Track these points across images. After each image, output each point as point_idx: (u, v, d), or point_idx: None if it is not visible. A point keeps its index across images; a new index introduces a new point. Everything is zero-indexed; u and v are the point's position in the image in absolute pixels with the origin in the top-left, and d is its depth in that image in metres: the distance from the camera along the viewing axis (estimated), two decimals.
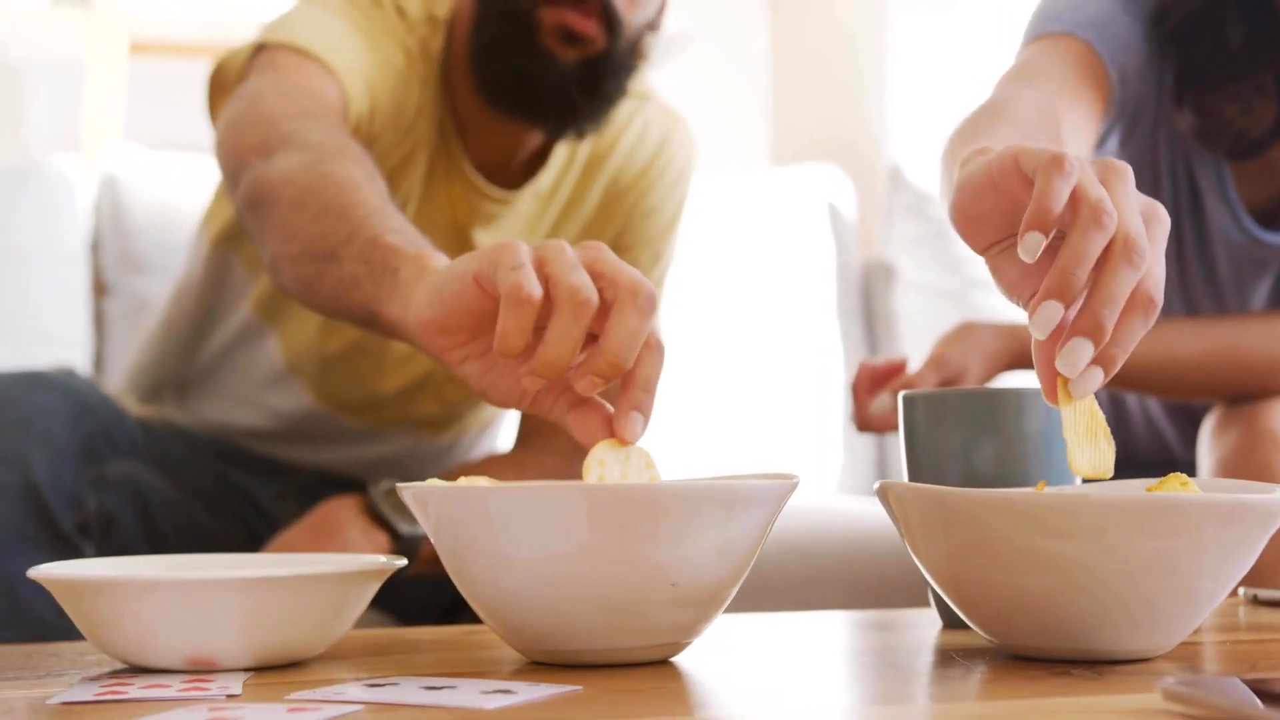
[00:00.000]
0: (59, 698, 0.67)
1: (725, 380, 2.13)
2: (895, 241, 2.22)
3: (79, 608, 0.74)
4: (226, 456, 1.49)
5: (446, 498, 0.73)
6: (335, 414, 1.44)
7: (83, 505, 1.29)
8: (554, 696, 0.66)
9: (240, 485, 1.50)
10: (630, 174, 1.42)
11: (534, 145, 1.39)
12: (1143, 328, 0.72)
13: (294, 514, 1.50)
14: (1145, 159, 1.34)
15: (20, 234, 1.95)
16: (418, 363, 1.41)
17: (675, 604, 0.73)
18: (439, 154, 1.35)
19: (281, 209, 1.02)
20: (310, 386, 1.43)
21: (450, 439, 1.51)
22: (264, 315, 1.43)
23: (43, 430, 1.25)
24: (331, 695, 0.66)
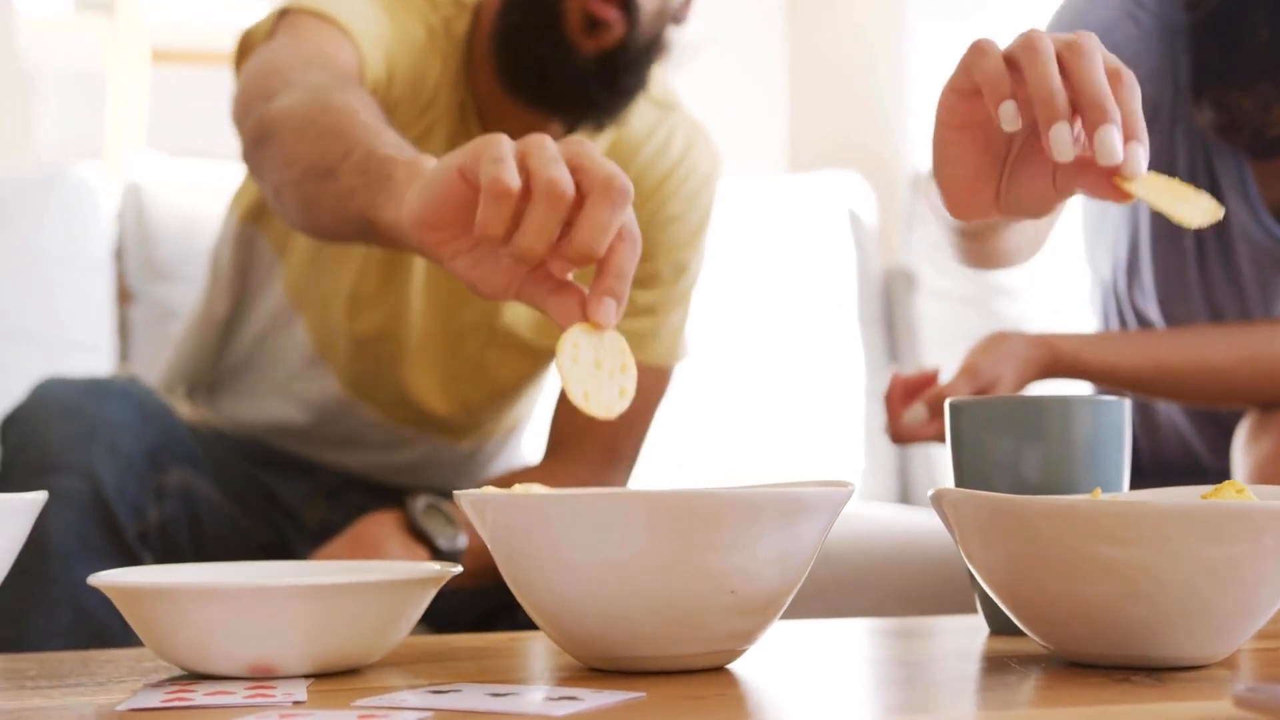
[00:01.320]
0: (126, 705, 0.67)
1: (747, 387, 2.13)
2: (916, 248, 2.22)
3: (139, 614, 0.75)
4: (255, 457, 1.50)
5: (505, 504, 0.74)
6: (362, 403, 1.44)
7: (145, 515, 1.30)
8: (619, 703, 0.66)
9: (267, 487, 1.50)
10: (651, 181, 1.42)
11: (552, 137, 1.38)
12: (1131, 98, 0.77)
13: (321, 516, 1.51)
14: (1163, 159, 1.34)
15: (45, 242, 1.95)
16: (436, 348, 1.41)
17: (733, 611, 0.73)
18: (459, 134, 1.35)
19: (283, 139, 1.04)
20: (338, 374, 1.43)
21: (472, 445, 1.52)
22: (293, 297, 1.43)
23: (109, 440, 1.26)
24: (398, 702, 0.66)
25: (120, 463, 1.27)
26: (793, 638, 0.90)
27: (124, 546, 1.28)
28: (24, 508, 0.76)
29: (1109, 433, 0.88)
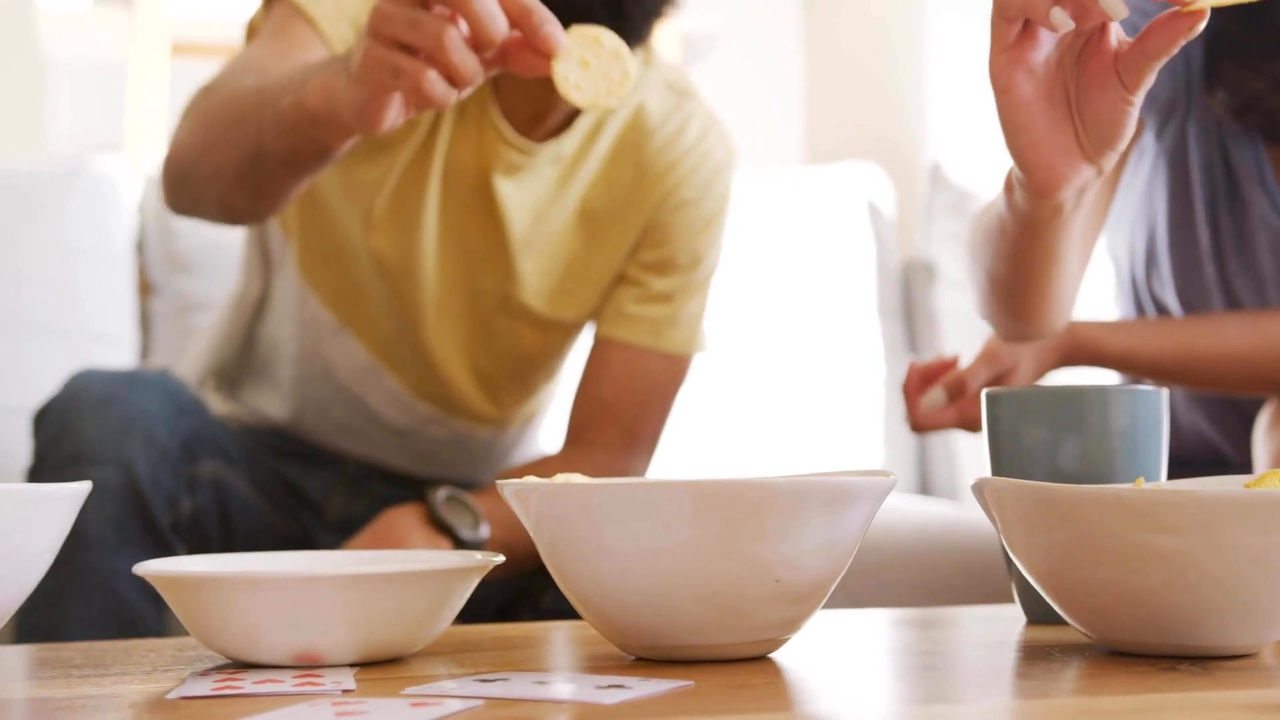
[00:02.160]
0: (176, 693, 0.67)
1: (766, 379, 2.13)
2: (936, 240, 2.22)
3: (184, 603, 0.75)
4: (279, 450, 1.50)
5: (550, 493, 0.74)
6: (386, 370, 1.45)
7: (178, 505, 1.30)
8: (668, 691, 0.66)
9: (291, 479, 1.51)
10: (663, 162, 1.42)
11: (562, 110, 1.38)
12: None
13: (343, 508, 1.51)
14: (1177, 154, 1.34)
15: (67, 234, 1.96)
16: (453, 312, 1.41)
17: (778, 599, 0.73)
18: (471, 99, 1.35)
19: (195, 166, 1.17)
20: (361, 338, 1.44)
21: (490, 433, 1.52)
22: (305, 276, 1.44)
23: (144, 431, 1.27)
24: (447, 690, 0.66)
25: (154, 453, 1.28)
26: (829, 627, 0.90)
27: (158, 536, 1.29)
28: (69, 497, 0.76)
29: (1147, 423, 0.88)
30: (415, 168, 1.36)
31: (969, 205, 2.19)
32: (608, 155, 1.42)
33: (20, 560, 0.74)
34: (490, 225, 1.39)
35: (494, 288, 1.41)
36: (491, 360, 1.45)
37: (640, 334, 1.42)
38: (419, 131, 1.35)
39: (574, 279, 1.43)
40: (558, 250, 1.42)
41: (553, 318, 1.44)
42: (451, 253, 1.40)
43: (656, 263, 1.42)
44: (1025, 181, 0.88)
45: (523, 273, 1.40)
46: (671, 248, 1.43)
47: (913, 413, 1.39)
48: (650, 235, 1.43)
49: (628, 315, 1.42)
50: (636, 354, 1.42)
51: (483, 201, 1.38)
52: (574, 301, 1.44)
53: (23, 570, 0.75)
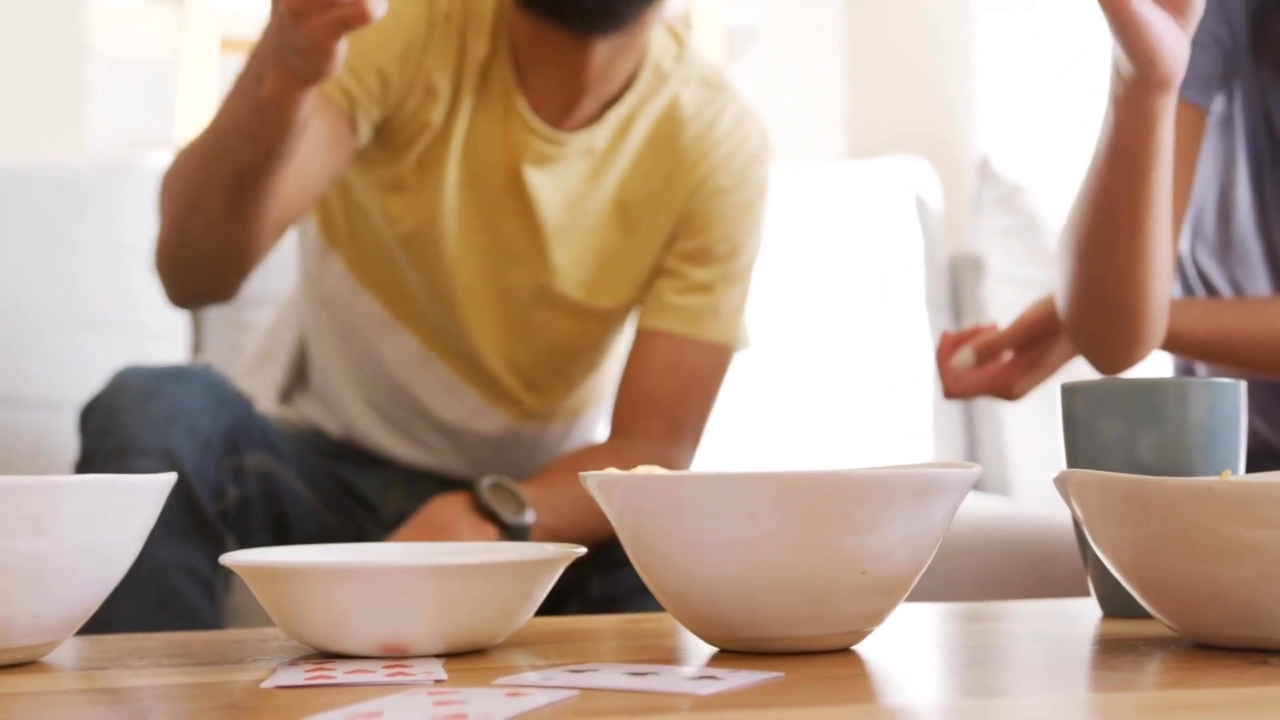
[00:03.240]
0: (271, 682, 0.68)
1: (814, 374, 2.13)
2: (984, 234, 2.21)
3: (271, 594, 0.75)
4: (333, 453, 1.52)
5: (634, 485, 0.74)
6: (436, 359, 1.46)
7: (224, 494, 1.32)
8: (760, 683, 0.66)
9: (345, 480, 1.52)
10: (697, 151, 1.43)
11: (592, 104, 1.39)
12: None
13: (397, 506, 1.53)
14: (1224, 125, 1.33)
15: (120, 230, 1.97)
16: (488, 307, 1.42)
17: (864, 591, 0.73)
18: (496, 91, 1.36)
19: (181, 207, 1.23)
20: (411, 329, 1.45)
21: (537, 428, 1.52)
22: (356, 277, 1.46)
23: (188, 423, 1.29)
24: (540, 680, 0.67)
25: (198, 444, 1.29)
26: (904, 620, 0.90)
27: (205, 525, 1.30)
28: (155, 488, 0.77)
29: (1225, 415, 0.88)
30: (431, 161, 1.38)
31: (1018, 199, 2.18)
32: (641, 147, 1.42)
33: (109, 550, 0.75)
34: (523, 216, 1.40)
35: (529, 279, 1.42)
36: (531, 353, 1.46)
37: (681, 324, 1.42)
38: (432, 126, 1.37)
39: (610, 269, 1.44)
40: (593, 240, 1.42)
41: (590, 305, 1.44)
42: (483, 246, 1.41)
43: (694, 252, 1.43)
44: (1147, 72, 0.96)
45: (557, 262, 1.41)
46: (709, 236, 1.43)
47: (944, 378, 1.38)
48: (687, 224, 1.43)
49: (668, 305, 1.43)
50: (677, 344, 1.43)
51: (514, 193, 1.39)
52: (610, 290, 1.44)
53: (112, 560, 0.76)
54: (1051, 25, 2.45)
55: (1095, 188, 1.11)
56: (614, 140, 1.42)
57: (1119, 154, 1.06)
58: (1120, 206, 1.10)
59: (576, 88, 1.37)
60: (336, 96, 1.30)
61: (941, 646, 0.82)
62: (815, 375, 2.13)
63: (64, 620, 0.75)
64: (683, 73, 1.44)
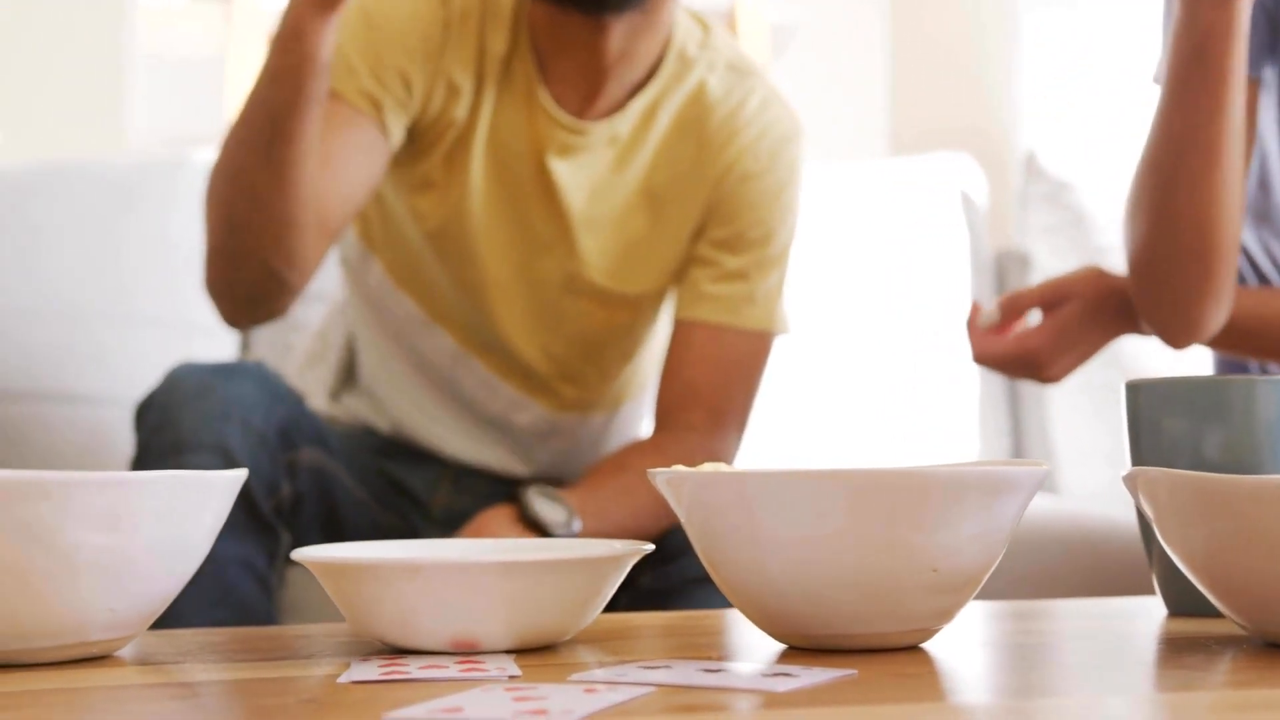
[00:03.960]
0: (347, 677, 0.68)
1: (859, 370, 2.12)
2: (1030, 230, 2.21)
3: (342, 590, 0.76)
4: (380, 450, 1.53)
5: (704, 482, 0.74)
6: (473, 357, 1.47)
7: (278, 489, 1.33)
8: (835, 680, 0.66)
9: (395, 476, 1.53)
10: (724, 135, 1.42)
11: (614, 90, 1.40)
12: None
13: (446, 501, 1.53)
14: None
15: (170, 227, 1.98)
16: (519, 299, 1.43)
17: (935, 589, 0.73)
18: (516, 83, 1.38)
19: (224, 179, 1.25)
20: (447, 329, 1.47)
21: (577, 419, 1.52)
22: (394, 280, 1.47)
23: (242, 418, 1.29)
24: (616, 677, 0.67)
25: (252, 439, 1.30)
26: (968, 617, 0.90)
27: (259, 520, 1.31)
28: (225, 484, 0.77)
29: None
30: (457, 157, 1.39)
31: (1065, 195, 2.17)
32: (668, 133, 1.42)
33: (183, 546, 0.76)
34: (549, 206, 1.40)
35: (557, 270, 1.43)
36: (563, 344, 1.46)
37: (718, 312, 1.42)
38: (457, 122, 1.38)
39: (639, 256, 1.44)
40: (620, 228, 1.43)
41: (618, 293, 1.44)
42: (511, 238, 1.42)
43: (727, 240, 1.42)
44: None
45: (585, 251, 1.42)
46: (741, 223, 1.42)
47: (972, 340, 1.37)
48: (718, 211, 1.42)
49: (704, 295, 1.42)
50: (715, 333, 1.42)
51: (540, 184, 1.40)
52: (639, 278, 1.44)
53: (185, 556, 0.76)
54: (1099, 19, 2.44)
55: (1174, 109, 1.11)
56: (639, 128, 1.42)
57: (1200, 58, 1.07)
58: (1202, 121, 1.10)
59: (596, 72, 1.38)
60: (363, 104, 1.32)
61: (1007, 644, 0.82)
62: (860, 372, 2.12)
63: (139, 615, 0.75)
64: (708, 58, 1.44)
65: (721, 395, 1.43)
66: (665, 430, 1.45)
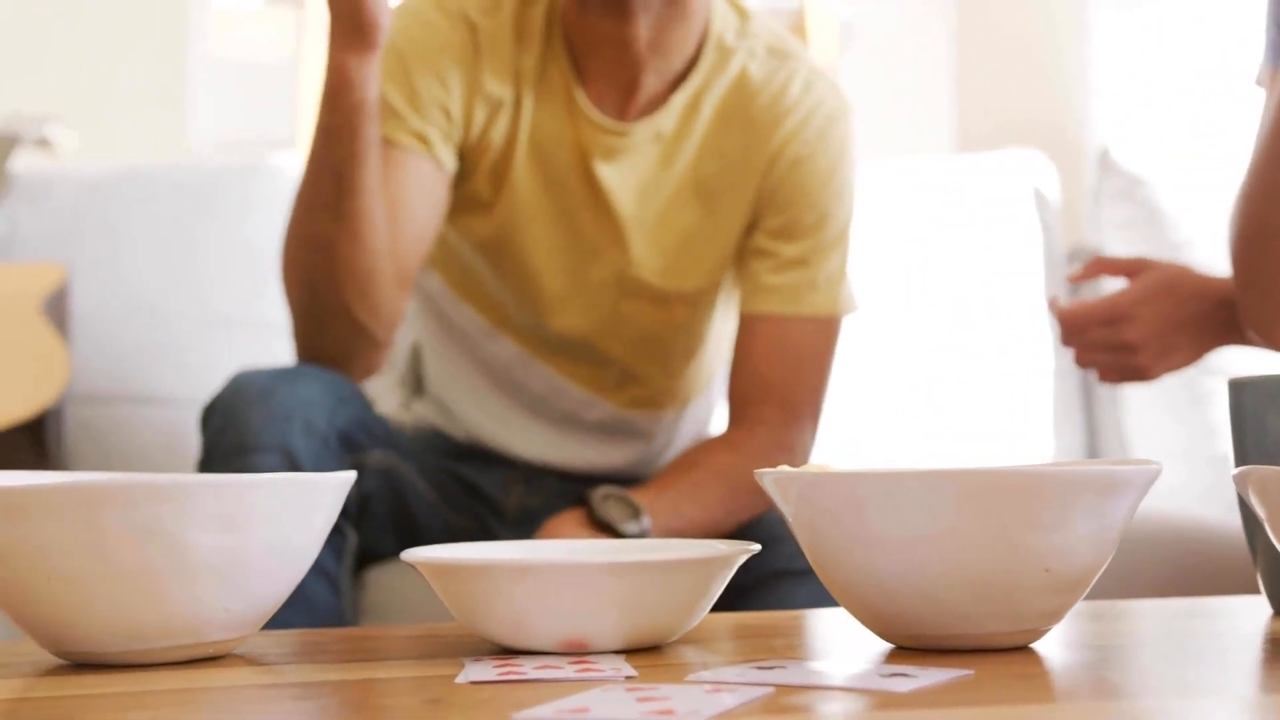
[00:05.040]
0: (464, 677, 0.69)
1: (931, 369, 2.11)
2: (1104, 226, 2.19)
3: (453, 590, 0.76)
4: (454, 453, 1.53)
5: (812, 482, 0.74)
6: (537, 360, 1.48)
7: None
8: (952, 681, 0.66)
9: (467, 478, 1.54)
10: (770, 121, 1.41)
11: (653, 85, 1.40)
12: None
13: (519, 502, 1.54)
14: None
15: (248, 229, 2.00)
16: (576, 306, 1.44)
17: (1048, 589, 0.73)
18: (555, 91, 1.39)
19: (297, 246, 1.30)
20: (510, 335, 1.47)
21: (646, 416, 1.52)
22: (456, 292, 1.49)
23: (304, 420, 1.30)
24: (733, 677, 0.67)
25: (315, 440, 1.31)
26: (1077, 617, 0.89)
27: None
28: (336, 486, 0.78)
29: None
30: (501, 171, 1.40)
31: (1139, 191, 2.15)
32: (712, 125, 1.42)
33: (296, 547, 0.77)
34: (598, 210, 1.41)
35: (611, 273, 1.43)
36: (624, 345, 1.46)
37: (781, 303, 1.41)
38: (498, 139, 1.39)
39: (692, 251, 1.43)
40: (671, 225, 1.42)
41: (673, 290, 1.44)
42: (563, 245, 1.42)
43: (783, 228, 1.41)
44: None
45: (637, 251, 1.42)
46: (795, 210, 1.41)
47: (1062, 323, 1.33)
48: (771, 200, 1.41)
49: (765, 286, 1.41)
50: (781, 324, 1.41)
51: (587, 189, 1.40)
52: (693, 273, 1.44)
53: (298, 557, 0.77)
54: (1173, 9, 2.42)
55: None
56: (682, 122, 1.42)
57: None
58: None
59: (631, 66, 1.38)
60: (413, 144, 1.34)
61: (1112, 645, 0.81)
62: (932, 371, 2.12)
63: (253, 616, 0.76)
64: (748, 45, 1.43)
65: (792, 386, 1.42)
66: (738, 425, 1.44)
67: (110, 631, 0.73)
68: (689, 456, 1.42)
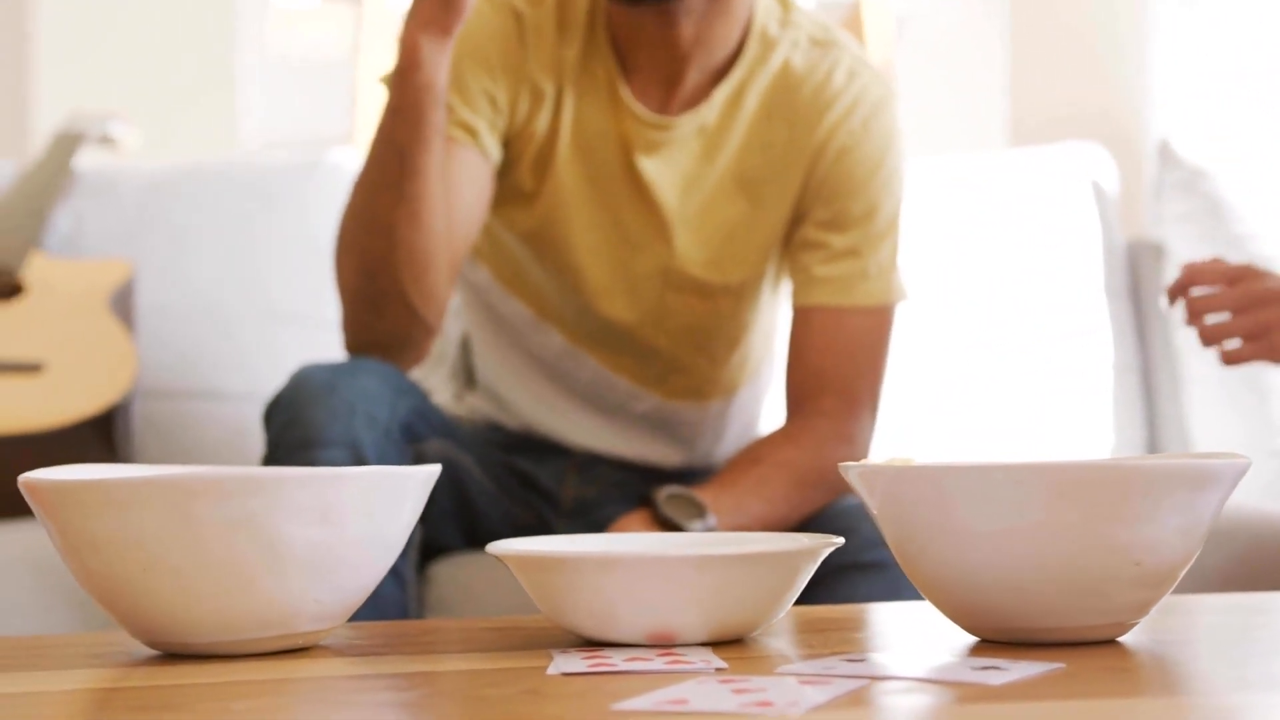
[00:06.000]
0: (556, 668, 0.69)
1: (991, 363, 2.11)
2: (1165, 219, 2.17)
3: (539, 583, 0.77)
4: (506, 445, 1.54)
5: (899, 477, 0.74)
6: (584, 352, 1.49)
7: None
8: (1046, 674, 0.66)
9: (521, 469, 1.54)
10: (814, 111, 1.41)
11: (696, 78, 1.40)
12: None
13: (575, 492, 1.54)
14: None
15: (306, 225, 2.01)
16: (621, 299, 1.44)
17: (1137, 583, 0.73)
18: (598, 85, 1.39)
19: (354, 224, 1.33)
20: (556, 327, 1.48)
21: (693, 408, 1.52)
22: (504, 285, 1.49)
23: (366, 413, 1.31)
24: (823, 669, 0.67)
25: (378, 433, 1.32)
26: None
27: None
28: (422, 479, 0.79)
29: None
30: (544, 164, 1.41)
31: (1200, 183, 2.14)
32: (755, 118, 1.41)
33: (384, 539, 0.77)
34: (642, 204, 1.41)
35: (655, 266, 1.43)
36: (669, 337, 1.47)
37: (833, 294, 1.41)
38: (540, 131, 1.40)
39: (736, 244, 1.43)
40: (715, 218, 1.42)
41: (718, 283, 1.44)
42: (608, 239, 1.43)
43: (832, 219, 1.41)
44: None
45: (681, 245, 1.42)
46: (843, 200, 1.41)
47: (1188, 305, 1.24)
48: (819, 191, 1.41)
49: (817, 279, 1.41)
50: (834, 315, 1.41)
51: (631, 183, 1.41)
52: (738, 265, 1.44)
53: (386, 549, 0.78)
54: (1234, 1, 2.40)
55: None
56: (725, 115, 1.42)
57: None
58: None
59: (674, 61, 1.38)
60: (461, 135, 1.35)
61: (1200, 639, 0.81)
62: (991, 366, 2.11)
63: (342, 607, 0.77)
64: (791, 36, 1.43)
65: (850, 378, 1.42)
66: (797, 418, 1.44)
67: (203, 622, 0.74)
68: (750, 452, 1.42)
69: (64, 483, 0.73)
